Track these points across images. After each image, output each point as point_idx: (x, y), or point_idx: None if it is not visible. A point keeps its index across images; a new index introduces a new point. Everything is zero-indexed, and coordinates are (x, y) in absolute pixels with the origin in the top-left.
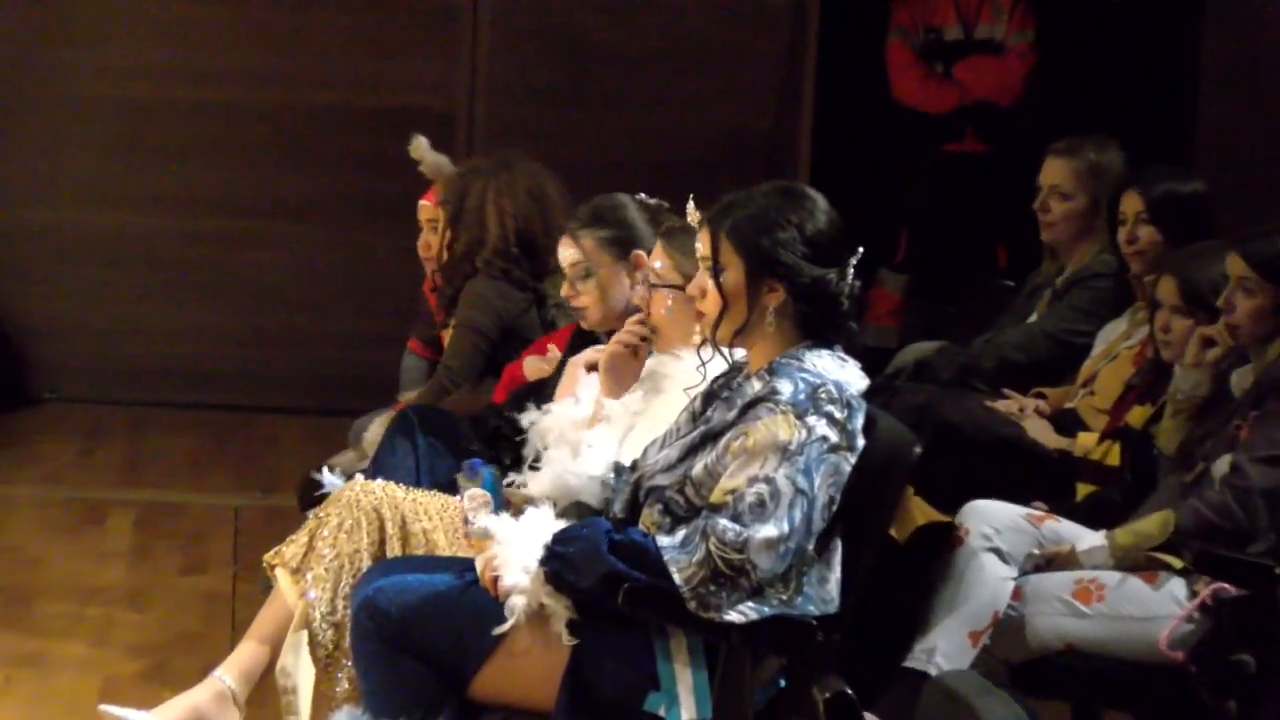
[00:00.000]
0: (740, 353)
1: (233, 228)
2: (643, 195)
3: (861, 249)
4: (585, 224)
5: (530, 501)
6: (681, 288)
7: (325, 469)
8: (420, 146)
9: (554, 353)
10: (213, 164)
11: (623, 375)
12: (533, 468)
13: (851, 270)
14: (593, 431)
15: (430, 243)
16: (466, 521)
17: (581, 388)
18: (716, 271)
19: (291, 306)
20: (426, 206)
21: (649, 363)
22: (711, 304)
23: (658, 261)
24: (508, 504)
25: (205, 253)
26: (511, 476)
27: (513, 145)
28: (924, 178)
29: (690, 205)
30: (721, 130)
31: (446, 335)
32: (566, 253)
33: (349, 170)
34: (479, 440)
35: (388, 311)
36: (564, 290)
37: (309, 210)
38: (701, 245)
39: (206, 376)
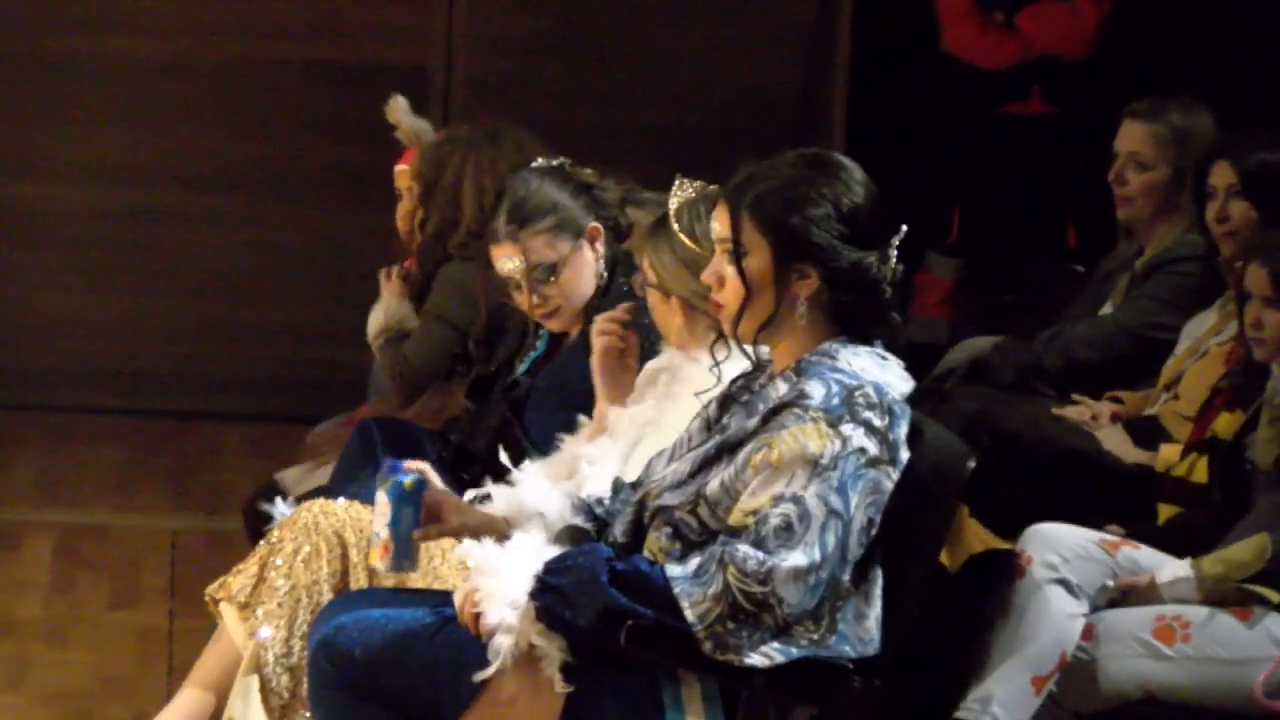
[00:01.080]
0: (764, 350)
1: (170, 202)
2: (539, 160)
3: (906, 228)
4: (521, 225)
5: (467, 530)
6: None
7: (278, 496)
8: (398, 109)
9: None
10: (146, 127)
11: (617, 377)
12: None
13: (894, 252)
14: (593, 445)
15: (411, 213)
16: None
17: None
18: (738, 256)
19: (240, 295)
20: (405, 171)
21: (658, 362)
22: (732, 294)
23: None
24: (431, 517)
25: (137, 232)
26: (470, 494)
27: (495, 105)
28: (980, 144)
29: (677, 184)
30: (739, 88)
31: None
32: (511, 263)
33: (308, 135)
34: (447, 458)
35: (356, 300)
36: (527, 303)
37: (261, 182)
38: (719, 225)
39: (138, 377)
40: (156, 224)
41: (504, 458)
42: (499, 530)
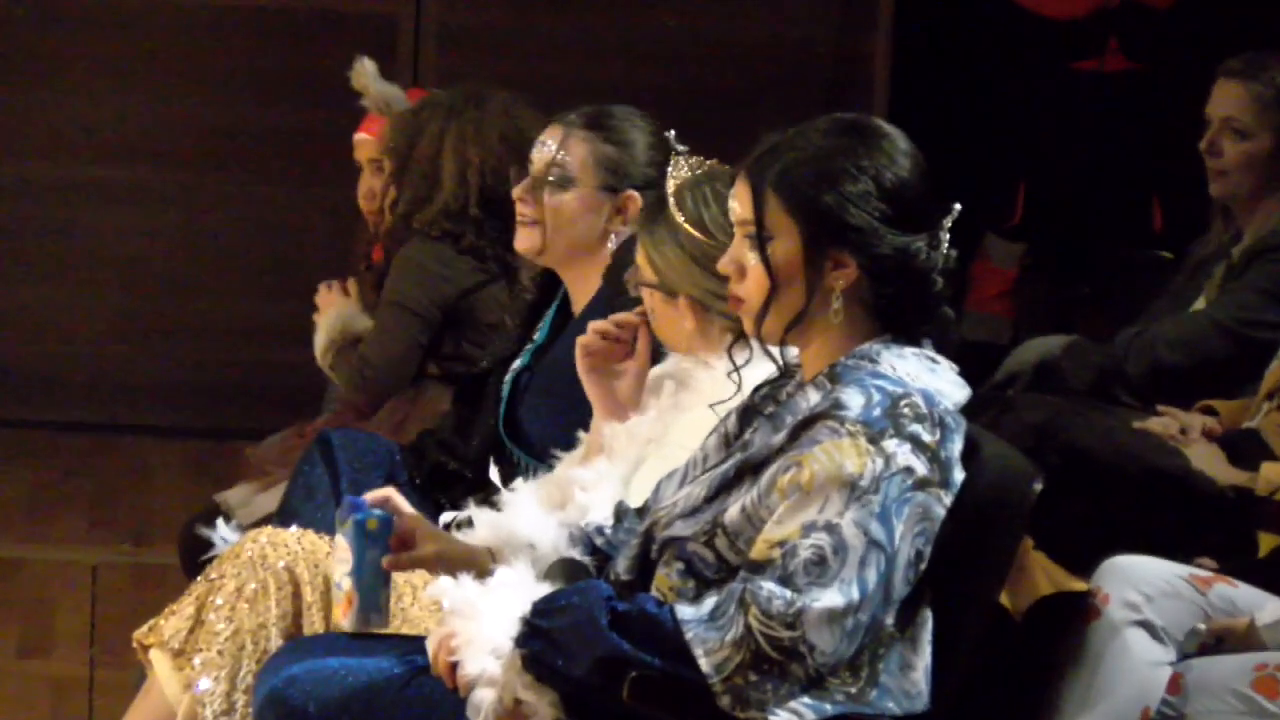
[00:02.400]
0: (792, 353)
1: (88, 178)
2: (671, 132)
3: (959, 207)
4: (583, 124)
5: (445, 561)
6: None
7: (219, 521)
8: (365, 72)
9: None
10: (61, 90)
11: (610, 382)
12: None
13: (946, 236)
14: (587, 468)
15: (374, 190)
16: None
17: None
18: (761, 242)
19: (170, 286)
20: (367, 141)
21: (665, 366)
22: (755, 286)
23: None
24: (401, 544)
25: (46, 211)
26: (447, 516)
27: (473, 61)
28: (1047, 108)
29: (673, 162)
30: (765, 43)
31: None
32: (545, 146)
33: (253, 95)
34: (421, 480)
35: (309, 292)
36: (517, 191)
37: (196, 151)
38: (739, 205)
39: (52, 385)
40: (70, 201)
41: (494, 474)
42: (481, 564)
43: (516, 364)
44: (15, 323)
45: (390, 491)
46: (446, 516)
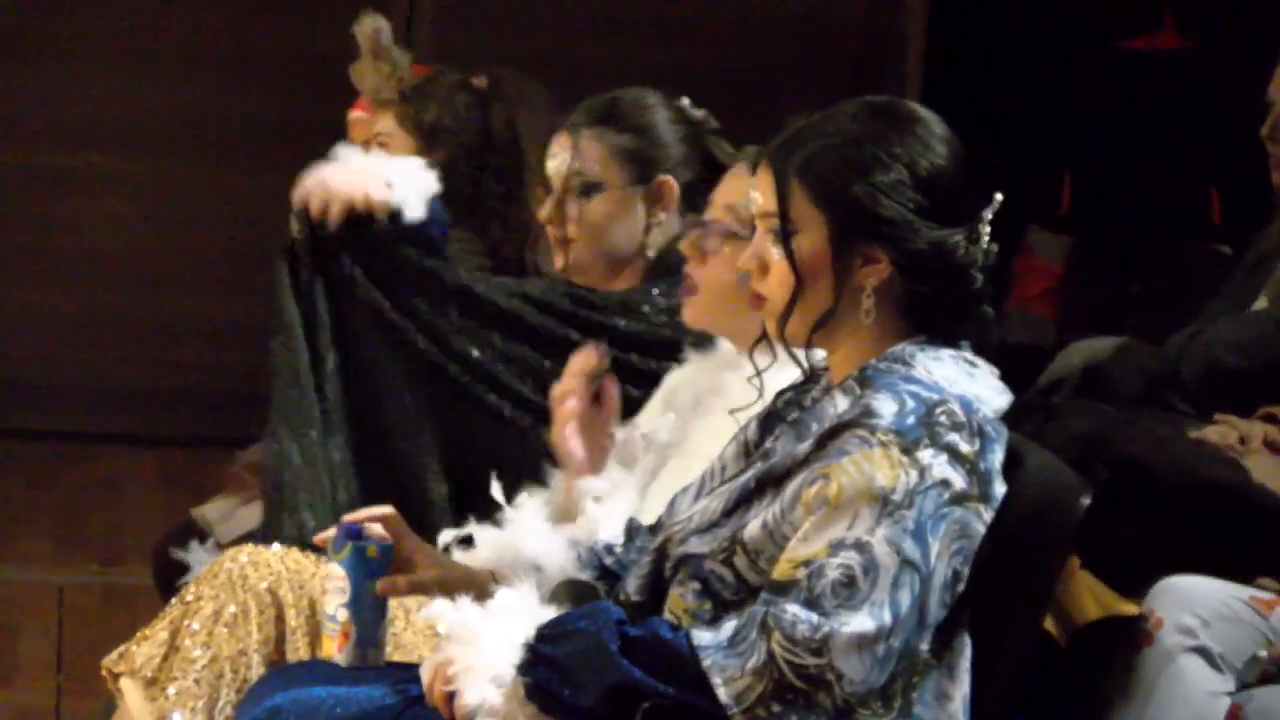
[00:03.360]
0: (818, 355)
1: (52, 165)
2: (685, 101)
3: (1001, 198)
4: (591, 122)
5: (446, 586)
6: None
7: (196, 539)
8: (373, 31)
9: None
10: (17, 68)
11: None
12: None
13: (986, 230)
14: (597, 479)
15: None
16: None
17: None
18: (786, 235)
19: (145, 284)
20: (361, 119)
21: (682, 375)
22: (778, 284)
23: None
24: (399, 568)
25: (7, 203)
26: (446, 535)
27: (472, 37)
28: (1095, 90)
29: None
30: (788, 19)
31: None
32: (558, 159)
33: (231, 75)
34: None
35: None
36: (544, 213)
37: (174, 140)
38: (759, 195)
39: (12, 391)
40: (31, 191)
41: (496, 489)
42: (482, 586)
43: None
44: None
45: (390, 510)
46: (445, 536)
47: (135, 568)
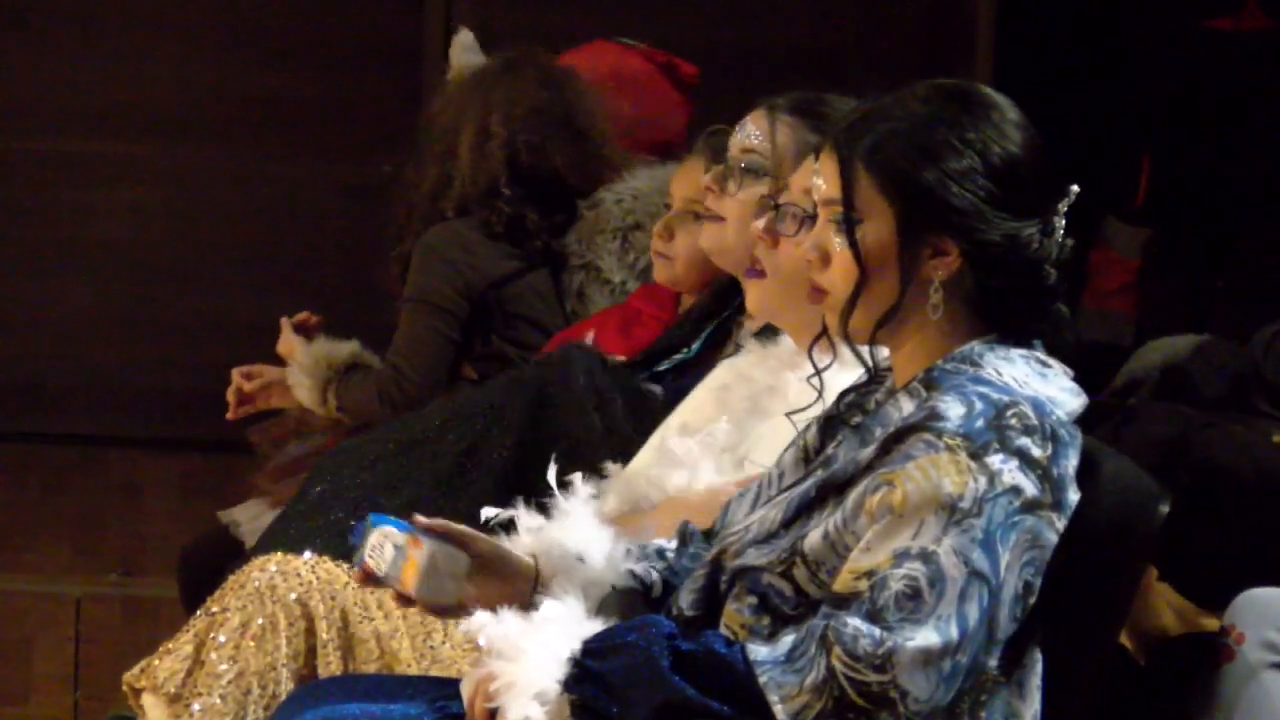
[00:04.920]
0: (882, 354)
1: (66, 152)
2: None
3: (1077, 188)
4: (790, 109)
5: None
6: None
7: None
8: (458, 44)
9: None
10: (30, 49)
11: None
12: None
13: (1062, 221)
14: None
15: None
16: (369, 579)
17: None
18: (850, 225)
19: (165, 280)
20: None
21: (728, 373)
22: (841, 276)
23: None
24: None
25: (17, 191)
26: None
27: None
28: (1175, 73)
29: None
30: None
31: None
32: (747, 132)
33: (255, 57)
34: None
35: (321, 284)
36: (708, 201)
37: (195, 124)
38: (824, 182)
39: (26, 392)
40: (45, 180)
41: (551, 474)
42: (517, 570)
43: (663, 365)
44: None
45: (446, 522)
46: (488, 511)
47: (157, 578)
